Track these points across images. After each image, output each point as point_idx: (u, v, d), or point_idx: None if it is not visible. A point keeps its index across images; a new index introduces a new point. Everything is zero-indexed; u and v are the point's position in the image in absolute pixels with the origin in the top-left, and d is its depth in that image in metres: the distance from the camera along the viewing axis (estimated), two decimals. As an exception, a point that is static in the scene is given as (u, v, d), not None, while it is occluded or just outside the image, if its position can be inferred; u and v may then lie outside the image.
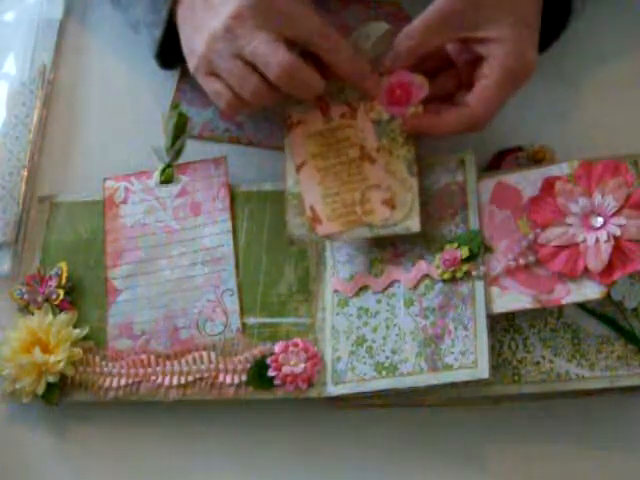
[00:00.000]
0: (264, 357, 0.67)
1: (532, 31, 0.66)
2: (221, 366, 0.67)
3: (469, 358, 0.62)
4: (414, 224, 0.65)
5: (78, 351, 0.69)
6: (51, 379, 0.68)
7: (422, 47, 0.66)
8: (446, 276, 0.64)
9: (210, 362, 0.67)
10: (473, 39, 0.65)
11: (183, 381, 0.67)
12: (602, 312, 0.64)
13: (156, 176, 0.74)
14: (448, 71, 0.69)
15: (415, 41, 0.66)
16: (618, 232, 0.61)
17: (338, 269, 0.69)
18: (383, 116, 0.67)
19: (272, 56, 0.63)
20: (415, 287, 0.66)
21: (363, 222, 0.65)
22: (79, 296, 0.72)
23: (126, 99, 0.81)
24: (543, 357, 0.64)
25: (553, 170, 0.66)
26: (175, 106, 0.76)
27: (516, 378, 0.63)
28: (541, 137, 0.71)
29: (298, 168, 0.68)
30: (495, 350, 0.64)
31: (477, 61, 0.66)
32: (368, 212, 0.65)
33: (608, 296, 0.61)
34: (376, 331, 0.66)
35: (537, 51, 0.66)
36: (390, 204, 0.65)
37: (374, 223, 0.65)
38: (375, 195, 0.66)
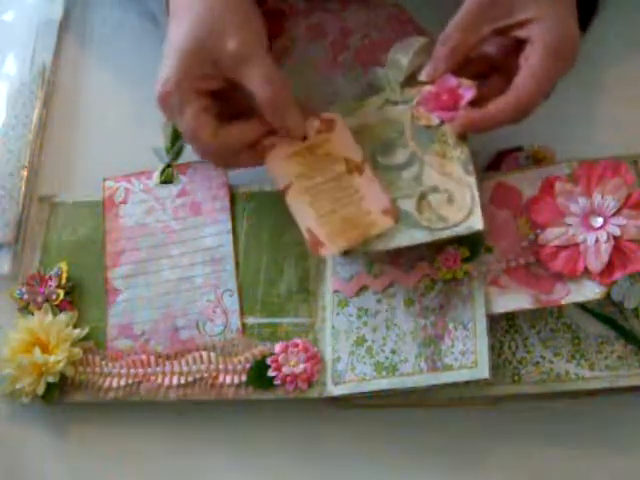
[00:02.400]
0: (264, 357, 0.67)
1: (569, 5, 0.65)
2: (221, 366, 0.67)
3: (469, 358, 0.62)
4: (477, 222, 0.62)
5: (78, 351, 0.69)
6: (51, 379, 0.68)
7: (462, 48, 0.65)
8: (446, 276, 0.64)
9: (210, 362, 0.67)
10: (511, 26, 0.64)
11: (183, 381, 0.67)
12: (602, 312, 0.64)
13: (156, 176, 0.74)
14: (499, 73, 0.67)
15: (453, 42, 0.65)
16: (618, 232, 0.61)
17: (338, 269, 0.69)
18: (432, 122, 0.66)
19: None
20: (415, 287, 0.66)
21: (369, 235, 0.64)
22: (79, 296, 0.72)
23: (126, 99, 0.81)
24: (543, 357, 0.64)
25: (553, 170, 0.66)
26: (175, 106, 0.76)
27: (516, 378, 0.63)
28: (541, 137, 0.71)
29: (284, 191, 0.67)
30: (495, 350, 0.64)
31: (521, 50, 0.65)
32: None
33: (608, 296, 0.61)
34: (376, 331, 0.66)
35: (578, 26, 0.65)
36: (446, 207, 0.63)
37: (432, 226, 0.63)
38: (434, 198, 0.64)
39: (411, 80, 0.68)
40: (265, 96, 0.64)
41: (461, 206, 0.63)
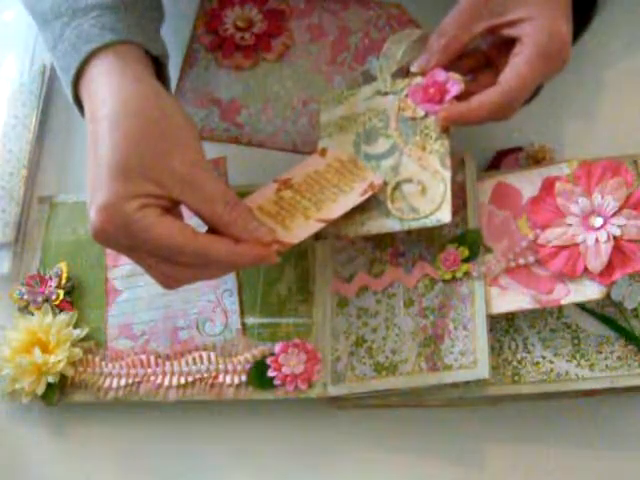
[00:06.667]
0: (264, 357, 0.67)
1: (563, 6, 0.64)
2: (221, 366, 0.67)
3: (469, 358, 0.62)
4: (445, 215, 0.62)
5: (78, 351, 0.69)
6: (51, 379, 0.68)
7: (455, 43, 0.65)
8: (446, 276, 0.64)
9: (210, 362, 0.67)
10: (504, 24, 0.64)
11: (183, 381, 0.67)
12: (602, 312, 0.64)
13: (156, 176, 0.74)
14: (490, 68, 0.67)
15: (447, 38, 0.65)
16: (618, 232, 0.61)
17: (338, 269, 0.69)
18: (418, 114, 0.66)
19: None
20: (415, 287, 0.66)
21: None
22: (79, 296, 0.72)
23: (126, 99, 0.81)
24: (543, 357, 0.64)
25: (553, 170, 0.66)
26: (175, 106, 0.76)
27: (516, 378, 0.63)
28: (541, 137, 0.71)
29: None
30: (495, 350, 0.64)
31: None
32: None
33: (608, 296, 0.61)
34: (376, 331, 0.66)
35: (571, 28, 0.64)
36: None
37: (403, 217, 0.63)
38: (407, 188, 0.64)
39: (404, 71, 0.68)
40: (224, 219, 0.59)
41: (433, 198, 0.63)
